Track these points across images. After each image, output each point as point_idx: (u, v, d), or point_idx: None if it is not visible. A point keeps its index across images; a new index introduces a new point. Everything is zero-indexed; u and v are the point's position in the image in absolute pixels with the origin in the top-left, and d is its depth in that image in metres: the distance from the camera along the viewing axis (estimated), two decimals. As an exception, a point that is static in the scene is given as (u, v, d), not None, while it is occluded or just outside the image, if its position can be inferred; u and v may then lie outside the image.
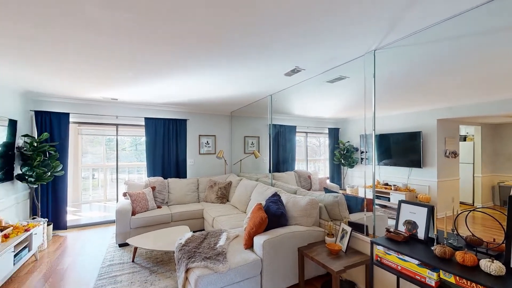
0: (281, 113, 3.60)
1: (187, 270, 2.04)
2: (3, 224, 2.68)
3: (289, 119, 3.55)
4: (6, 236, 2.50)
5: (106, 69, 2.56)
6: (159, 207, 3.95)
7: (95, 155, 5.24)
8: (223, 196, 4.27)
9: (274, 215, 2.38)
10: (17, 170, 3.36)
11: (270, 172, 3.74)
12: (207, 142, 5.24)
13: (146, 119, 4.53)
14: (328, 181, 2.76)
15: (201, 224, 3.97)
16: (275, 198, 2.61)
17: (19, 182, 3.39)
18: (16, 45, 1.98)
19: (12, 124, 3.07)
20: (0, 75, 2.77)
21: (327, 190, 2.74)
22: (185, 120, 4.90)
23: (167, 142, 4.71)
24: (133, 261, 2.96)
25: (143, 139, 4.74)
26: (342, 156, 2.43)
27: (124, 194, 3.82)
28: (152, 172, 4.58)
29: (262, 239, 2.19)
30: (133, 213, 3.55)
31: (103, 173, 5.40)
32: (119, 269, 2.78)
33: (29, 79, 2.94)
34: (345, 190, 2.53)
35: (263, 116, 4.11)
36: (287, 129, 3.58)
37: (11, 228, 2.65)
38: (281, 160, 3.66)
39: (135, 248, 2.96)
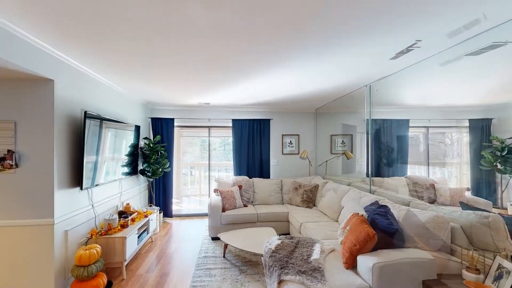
0: (383, 105, 2.93)
1: (280, 282, 1.86)
2: (131, 210, 3.31)
3: (397, 111, 2.83)
4: (133, 220, 3.07)
5: (202, 74, 2.74)
6: (245, 205, 4.03)
7: (192, 155, 5.99)
8: (309, 200, 3.95)
9: (384, 232, 1.89)
10: (140, 166, 4.15)
11: (368, 176, 3.13)
12: (290, 142, 5.04)
13: (233, 120, 4.78)
14: (468, 193, 1.98)
15: (286, 228, 3.79)
16: (383, 210, 2.09)
17: (141, 175, 4.20)
18: (137, 62, 2.34)
19: (137, 129, 3.80)
20: (130, 90, 3.47)
21: (465, 206, 1.97)
22: (268, 120, 4.88)
23: (251, 142, 4.82)
24: (224, 256, 3.07)
25: (230, 139, 5.02)
26: (499, 158, 1.65)
27: (215, 191, 4.10)
28: (238, 171, 4.78)
29: (371, 262, 1.75)
30: (223, 210, 3.75)
31: (198, 171, 6.11)
32: (213, 262, 2.93)
33: (147, 90, 3.55)
34: (506, 209, 1.72)
35: (357, 111, 3.52)
36: (394, 124, 2.88)
37: (136, 213, 3.24)
38: (384, 162, 2.98)
39: (226, 245, 3.06)
